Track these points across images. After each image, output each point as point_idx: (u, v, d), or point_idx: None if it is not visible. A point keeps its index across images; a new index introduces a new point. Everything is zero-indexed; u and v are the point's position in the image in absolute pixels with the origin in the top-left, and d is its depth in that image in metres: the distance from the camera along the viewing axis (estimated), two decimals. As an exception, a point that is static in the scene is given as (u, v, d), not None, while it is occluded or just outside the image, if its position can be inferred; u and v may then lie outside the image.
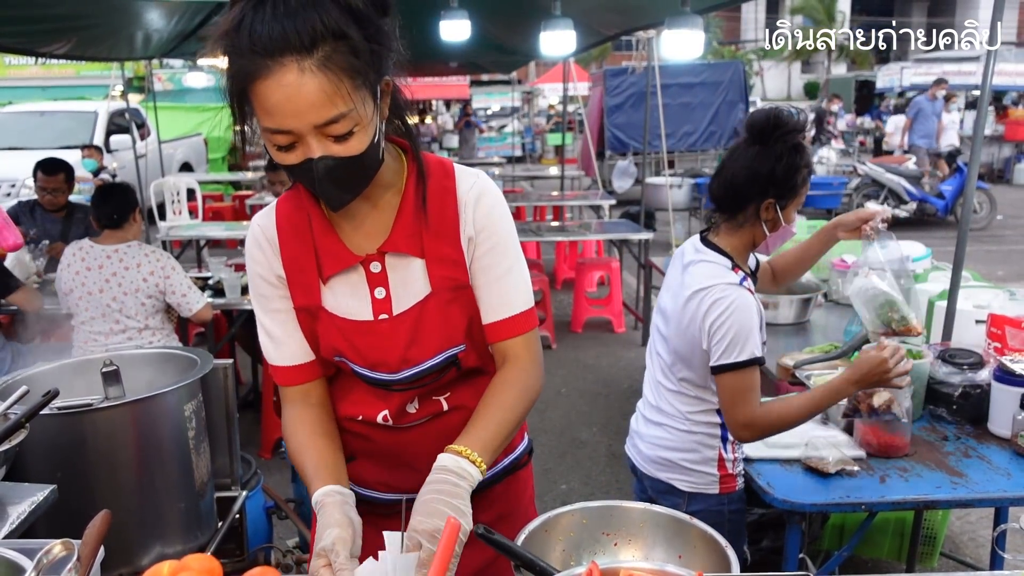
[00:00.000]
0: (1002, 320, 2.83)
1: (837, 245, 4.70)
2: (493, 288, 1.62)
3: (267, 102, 1.30)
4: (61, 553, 1.00)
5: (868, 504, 2.29)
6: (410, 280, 1.58)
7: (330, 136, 1.34)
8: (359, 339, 1.59)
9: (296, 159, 1.36)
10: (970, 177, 3.17)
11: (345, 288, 1.59)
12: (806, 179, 2.31)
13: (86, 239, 4.22)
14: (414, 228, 1.57)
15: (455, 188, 1.61)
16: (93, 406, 1.93)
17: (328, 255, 1.58)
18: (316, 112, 1.30)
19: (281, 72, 1.27)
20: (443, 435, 1.59)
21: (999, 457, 2.52)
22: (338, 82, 1.30)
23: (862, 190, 12.88)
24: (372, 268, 1.57)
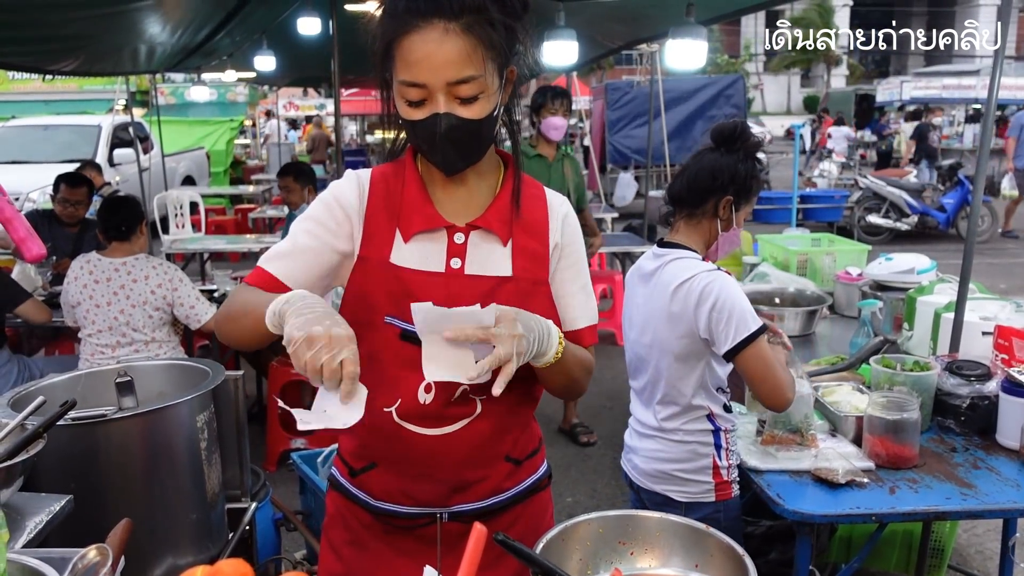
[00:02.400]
0: (1009, 332, 2.83)
1: (841, 256, 4.76)
2: (571, 300, 1.71)
3: (410, 56, 1.43)
4: (95, 558, 1.01)
5: (878, 515, 2.29)
6: (490, 260, 1.62)
7: (458, 97, 1.46)
8: (427, 291, 1.55)
9: (423, 114, 1.47)
10: (976, 190, 3.18)
11: (421, 252, 1.60)
12: (759, 189, 2.49)
13: (93, 252, 4.24)
14: (507, 216, 1.64)
15: (545, 199, 1.72)
16: (107, 417, 1.95)
17: (417, 215, 1.61)
18: (452, 69, 1.43)
19: (429, 30, 1.42)
20: (468, 443, 1.61)
21: (1008, 468, 2.53)
22: (474, 47, 1.44)
23: (863, 203, 12.91)
24: (456, 238, 1.61)
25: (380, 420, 1.61)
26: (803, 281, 4.38)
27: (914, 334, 3.48)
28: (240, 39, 8.25)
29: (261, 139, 24.15)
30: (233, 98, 18.50)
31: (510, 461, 1.71)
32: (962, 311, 3.09)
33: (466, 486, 1.66)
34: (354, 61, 9.70)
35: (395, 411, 1.60)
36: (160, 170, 11.45)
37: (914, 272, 3.94)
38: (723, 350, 2.28)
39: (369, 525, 1.73)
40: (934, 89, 20.79)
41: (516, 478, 1.74)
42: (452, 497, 1.66)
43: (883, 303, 3.81)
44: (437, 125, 1.47)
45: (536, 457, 1.80)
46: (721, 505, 2.44)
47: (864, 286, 4.12)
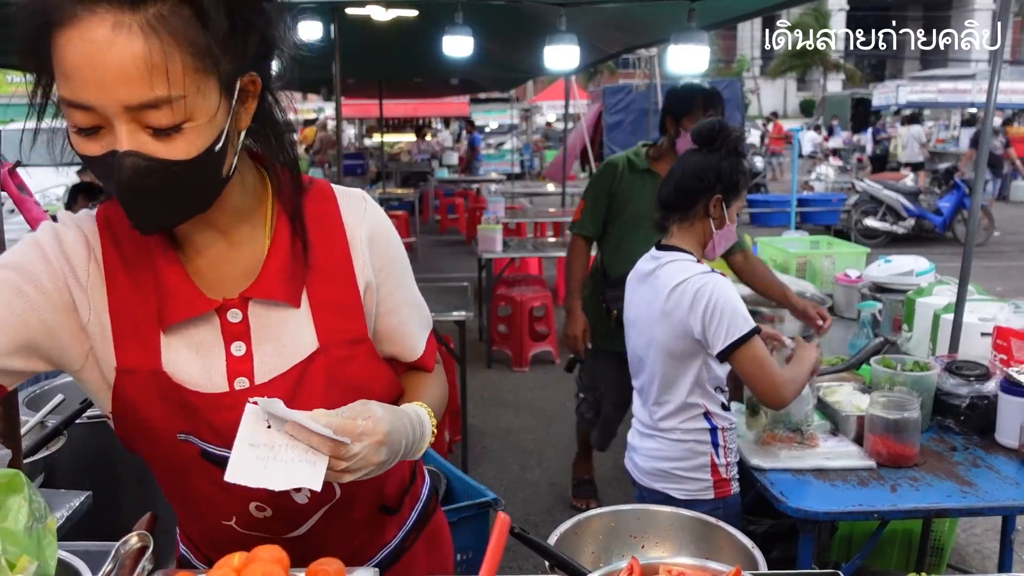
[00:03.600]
0: (1008, 332, 2.87)
1: (840, 259, 4.79)
2: (406, 327, 1.36)
3: (64, 61, 0.98)
4: (137, 544, 1.04)
5: (880, 512, 2.32)
6: (284, 335, 1.22)
7: (147, 127, 1.01)
8: (216, 415, 1.18)
9: (99, 150, 1.02)
10: (975, 193, 3.22)
11: (190, 343, 1.19)
12: (746, 183, 2.52)
13: None
14: (292, 270, 1.22)
15: (340, 217, 1.28)
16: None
17: (173, 297, 1.17)
18: (128, 88, 0.97)
19: (91, 24, 0.96)
20: (342, 524, 1.33)
21: (1007, 467, 2.56)
22: (169, 54, 0.98)
23: (860, 206, 12.97)
24: (230, 317, 1.19)
25: (220, 532, 1.30)
26: (802, 283, 4.42)
27: (913, 335, 3.52)
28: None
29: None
30: (232, 101, 18.49)
31: (387, 512, 1.43)
32: (961, 312, 3.13)
33: (351, 555, 1.31)
34: (353, 66, 9.79)
35: (235, 524, 1.28)
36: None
37: (913, 274, 3.97)
38: (716, 351, 2.32)
39: None
40: (930, 93, 20.88)
41: (400, 520, 1.46)
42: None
43: (882, 305, 3.85)
44: (116, 169, 1.00)
45: (414, 486, 1.51)
46: (720, 502, 2.47)
47: (863, 288, 4.15)
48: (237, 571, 0.98)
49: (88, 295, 1.16)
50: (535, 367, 7.01)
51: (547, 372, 6.93)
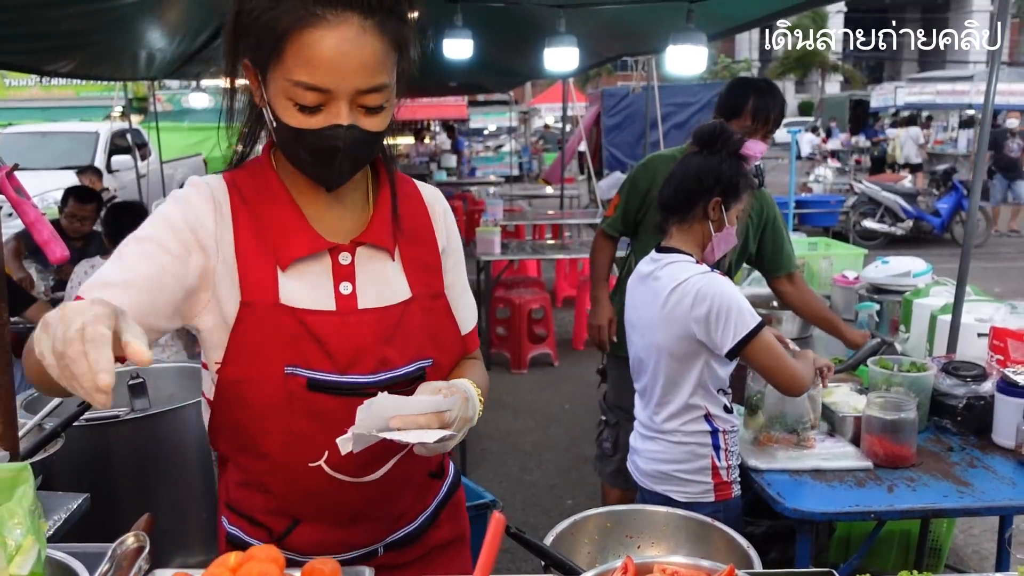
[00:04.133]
0: (1004, 333, 2.87)
1: (838, 261, 4.80)
2: (459, 303, 1.56)
3: (314, 54, 1.22)
4: (134, 544, 1.05)
5: (877, 513, 2.33)
6: (382, 280, 1.43)
7: (362, 106, 1.28)
8: (329, 335, 1.36)
9: (319, 123, 1.27)
10: (973, 194, 3.23)
11: (305, 280, 1.38)
12: (747, 186, 2.49)
13: (97, 257, 4.27)
14: (388, 227, 1.45)
15: (421, 197, 1.56)
16: (120, 417, 1.99)
17: (293, 237, 1.37)
18: (364, 75, 1.24)
19: (341, 26, 1.22)
20: (404, 476, 1.47)
21: (1004, 467, 2.57)
22: (388, 51, 1.27)
23: (859, 208, 12.99)
24: (341, 259, 1.40)
25: (304, 476, 1.41)
26: (800, 285, 4.42)
27: (910, 336, 3.52)
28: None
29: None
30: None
31: (433, 476, 1.61)
32: (959, 313, 3.14)
33: (400, 516, 1.53)
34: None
35: (324, 463, 1.39)
36: (158, 176, 11.47)
37: (910, 275, 3.98)
38: (726, 350, 2.31)
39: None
40: (928, 95, 20.92)
41: (435, 490, 1.63)
42: (388, 530, 1.54)
43: (880, 306, 3.85)
44: (338, 138, 1.27)
45: (446, 461, 1.69)
46: (721, 505, 2.47)
47: (861, 289, 4.16)
48: (233, 570, 0.99)
49: (216, 240, 1.36)
50: (534, 369, 7.02)
51: (546, 374, 6.94)
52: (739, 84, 3.37)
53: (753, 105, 3.18)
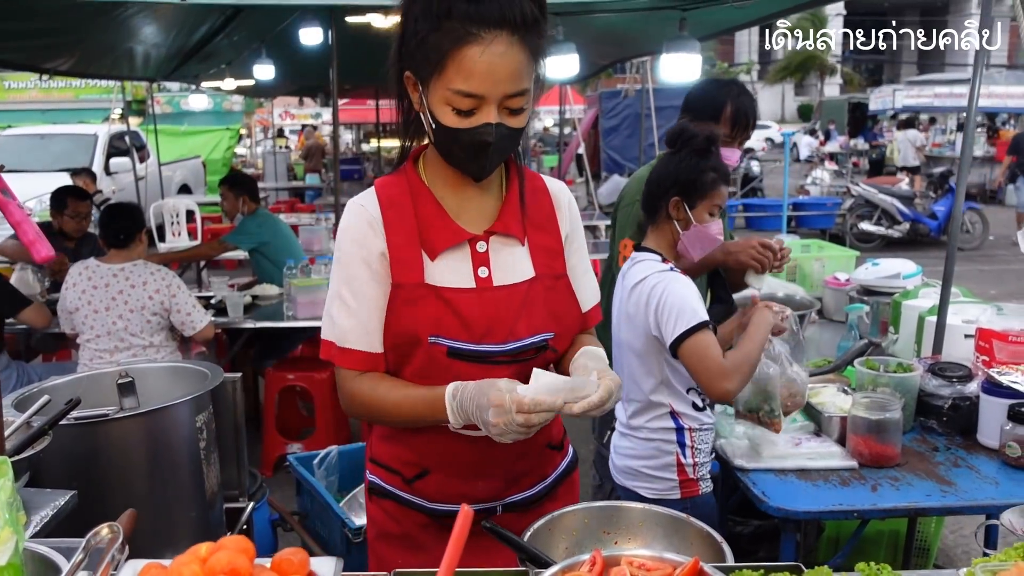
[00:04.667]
0: (989, 334, 2.90)
1: (830, 262, 4.82)
2: (580, 283, 1.79)
3: (472, 66, 1.46)
4: (108, 536, 1.07)
5: (860, 511, 2.35)
6: (512, 263, 1.68)
7: (507, 108, 1.51)
8: (466, 307, 1.62)
9: (471, 123, 1.51)
10: (957, 196, 3.26)
11: (449, 265, 1.64)
12: (715, 181, 2.47)
13: (92, 259, 4.28)
14: (518, 216, 1.70)
15: (548, 190, 1.79)
16: (109, 416, 2.00)
17: (439, 232, 1.64)
18: (511, 82, 1.48)
19: (493, 41, 1.45)
20: (523, 443, 1.62)
21: (987, 467, 2.59)
22: (528, 61, 1.50)
23: (856, 211, 13.00)
24: (478, 247, 1.66)
25: (434, 431, 1.67)
26: (791, 286, 4.45)
27: (899, 337, 3.54)
28: (239, 44, 8.31)
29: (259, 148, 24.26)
30: (229, 107, 18.57)
31: (551, 448, 1.84)
32: (944, 314, 3.16)
33: (518, 478, 1.76)
34: (351, 71, 9.81)
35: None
36: (156, 179, 11.50)
37: (900, 277, 4.00)
38: (668, 345, 2.34)
39: (426, 525, 1.78)
40: (926, 98, 20.95)
41: (555, 463, 1.85)
42: (506, 490, 1.76)
43: (869, 307, 3.87)
44: (489, 135, 1.51)
45: (566, 439, 1.92)
46: (688, 502, 2.47)
47: (852, 291, 4.18)
48: (203, 560, 1.01)
49: (379, 250, 1.64)
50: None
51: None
52: (714, 88, 3.13)
53: (732, 112, 2.98)
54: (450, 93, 1.49)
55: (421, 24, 1.49)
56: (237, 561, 0.99)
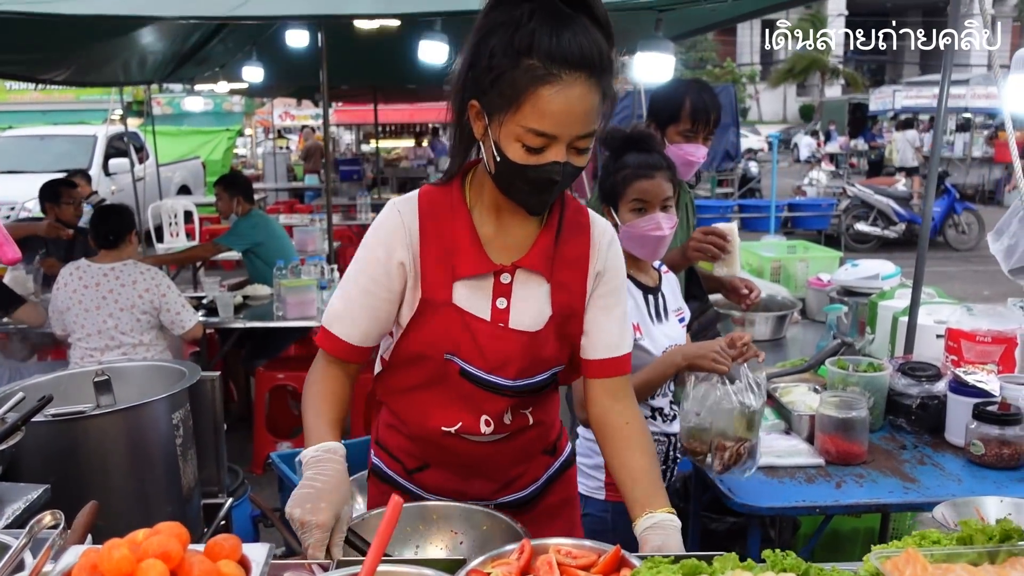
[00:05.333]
0: (958, 334, 2.94)
1: (814, 263, 4.87)
2: (612, 326, 1.78)
3: (548, 106, 1.46)
4: (51, 522, 1.13)
5: (822, 507, 2.40)
6: (531, 299, 1.70)
7: (575, 148, 1.52)
8: (485, 339, 1.67)
9: (540, 160, 1.51)
10: (927, 196, 3.30)
11: (471, 290, 1.68)
12: (627, 178, 2.45)
13: (83, 259, 4.35)
14: (548, 251, 1.70)
15: (589, 227, 1.78)
16: (85, 413, 2.05)
17: (467, 256, 1.66)
18: (584, 124, 1.49)
19: (573, 84, 1.45)
20: (521, 448, 1.78)
21: (952, 464, 2.63)
22: (599, 104, 1.51)
23: (851, 211, 13.04)
24: (502, 279, 1.68)
25: (437, 435, 1.76)
26: (775, 287, 4.51)
27: (875, 337, 3.60)
28: (232, 47, 8.37)
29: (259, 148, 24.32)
30: (229, 108, 18.65)
31: (546, 453, 1.91)
32: (915, 315, 3.21)
33: (512, 481, 1.84)
34: (345, 73, 9.87)
35: (454, 430, 1.74)
36: (155, 179, 11.56)
37: (879, 278, 4.06)
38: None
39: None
40: (925, 99, 20.94)
41: (547, 465, 1.92)
42: (500, 491, 1.84)
43: (848, 308, 3.93)
44: (557, 173, 1.52)
45: (561, 440, 1.98)
46: (610, 505, 2.50)
47: (832, 292, 4.24)
48: (139, 544, 1.06)
49: (410, 252, 1.66)
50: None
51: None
52: (672, 87, 3.21)
53: (691, 107, 3.02)
54: (522, 131, 1.49)
55: (499, 59, 1.48)
56: (169, 545, 1.04)
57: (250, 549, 1.15)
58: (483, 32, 1.52)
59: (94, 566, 1.01)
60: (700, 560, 1.21)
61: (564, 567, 1.24)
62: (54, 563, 1.11)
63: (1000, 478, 2.53)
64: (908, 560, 1.14)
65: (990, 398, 2.67)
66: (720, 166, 15.47)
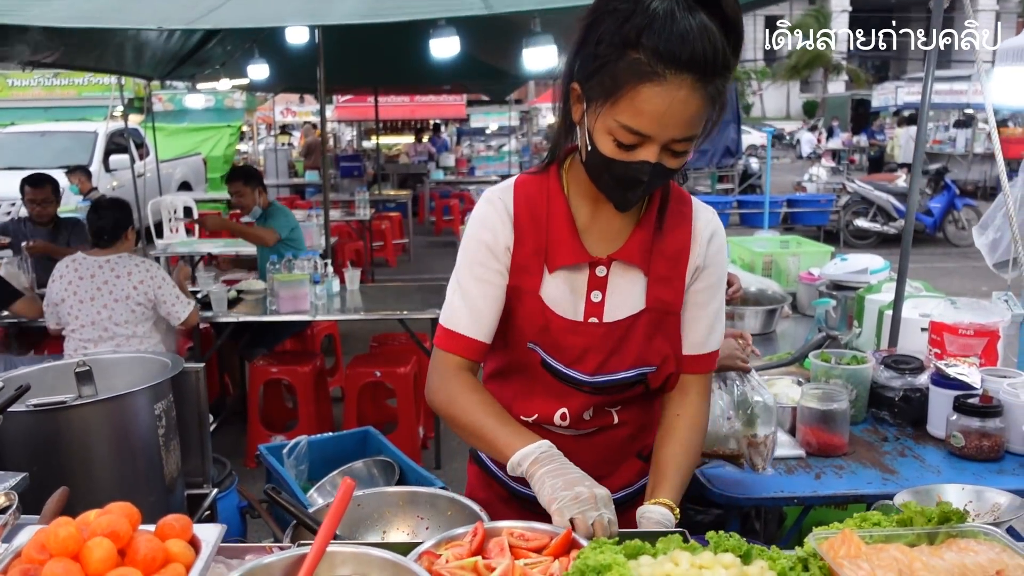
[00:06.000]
0: (941, 327, 2.96)
1: (806, 258, 4.87)
2: (703, 322, 1.72)
3: (646, 106, 1.38)
4: (5, 503, 1.15)
5: (800, 498, 2.42)
6: (627, 292, 1.64)
7: (670, 150, 1.44)
8: (564, 336, 1.62)
9: (629, 157, 1.44)
10: (911, 192, 3.31)
11: (565, 283, 1.62)
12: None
13: (79, 252, 4.39)
14: (647, 244, 1.63)
15: (691, 217, 1.70)
16: (66, 404, 2.08)
17: (563, 246, 1.61)
18: (683, 129, 1.40)
19: (676, 85, 1.35)
20: (605, 446, 1.72)
21: (933, 456, 2.65)
22: (705, 109, 1.41)
23: (851, 207, 13.03)
24: (598, 271, 1.62)
25: (532, 424, 1.71)
26: (766, 281, 4.51)
27: (863, 331, 3.61)
28: (232, 48, 8.38)
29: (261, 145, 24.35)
30: (231, 104, 18.68)
31: (641, 459, 1.82)
32: (899, 308, 3.22)
33: (598, 480, 1.62)
34: (345, 69, 9.88)
35: (532, 420, 1.71)
36: (156, 176, 11.60)
37: (867, 272, 4.06)
38: None
39: (506, 499, 1.84)
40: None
41: (644, 472, 1.80)
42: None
43: (836, 302, 3.93)
44: (644, 173, 1.44)
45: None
46: None
47: (821, 286, 4.24)
48: (89, 523, 1.09)
49: (512, 237, 1.61)
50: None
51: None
52: None
53: None
54: (616, 125, 1.41)
55: (605, 48, 1.40)
56: (117, 524, 1.06)
57: (201, 529, 1.17)
58: (597, 14, 1.43)
59: (43, 545, 1.03)
60: (644, 541, 1.22)
61: (516, 549, 1.26)
62: (7, 543, 1.14)
63: (980, 470, 2.54)
64: (843, 540, 1.15)
65: (971, 391, 2.68)
66: (720, 162, 15.48)
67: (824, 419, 2.64)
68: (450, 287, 1.67)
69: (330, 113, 21.58)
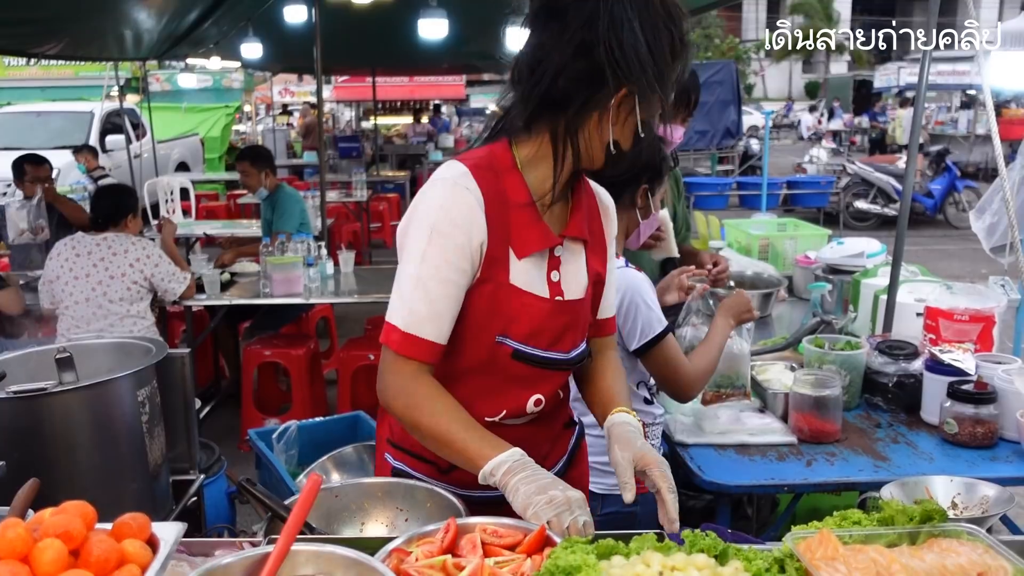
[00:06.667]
0: (936, 312, 2.93)
1: (802, 241, 4.83)
2: (612, 287, 1.86)
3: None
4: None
5: (790, 485, 2.40)
6: (576, 267, 1.69)
7: None
8: (544, 317, 1.61)
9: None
10: (907, 175, 3.28)
11: (532, 267, 1.60)
12: (668, 169, 2.48)
13: (79, 232, 4.40)
14: (585, 219, 1.70)
15: (593, 193, 1.79)
16: (47, 391, 2.05)
17: (531, 230, 1.58)
18: None
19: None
20: (551, 425, 1.79)
21: (926, 443, 2.63)
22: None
23: (851, 189, 12.97)
24: (556, 251, 1.64)
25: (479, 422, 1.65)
26: (762, 265, 4.48)
27: (858, 315, 3.58)
28: (226, 27, 8.32)
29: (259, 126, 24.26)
30: (228, 84, 18.53)
31: (567, 427, 1.91)
32: (894, 293, 3.19)
33: (544, 458, 1.70)
34: (340, 50, 9.81)
35: (499, 419, 1.67)
36: (152, 156, 11.54)
37: (864, 256, 4.03)
38: (632, 348, 2.31)
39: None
40: (930, 75, 20.76)
41: (568, 437, 1.92)
42: None
43: (832, 286, 3.90)
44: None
45: (573, 413, 1.97)
46: (639, 497, 2.48)
47: (817, 269, 4.21)
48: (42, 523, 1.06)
49: (486, 232, 1.54)
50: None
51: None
52: None
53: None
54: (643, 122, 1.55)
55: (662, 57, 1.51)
56: (70, 524, 1.03)
57: (160, 528, 1.14)
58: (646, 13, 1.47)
59: (-10, 547, 1.00)
60: (617, 540, 1.19)
61: (488, 546, 1.23)
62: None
63: (973, 457, 2.53)
64: (821, 541, 1.13)
65: (966, 377, 2.65)
66: (720, 143, 15.41)
67: (817, 405, 2.62)
68: (406, 283, 1.55)
69: (328, 93, 21.46)
